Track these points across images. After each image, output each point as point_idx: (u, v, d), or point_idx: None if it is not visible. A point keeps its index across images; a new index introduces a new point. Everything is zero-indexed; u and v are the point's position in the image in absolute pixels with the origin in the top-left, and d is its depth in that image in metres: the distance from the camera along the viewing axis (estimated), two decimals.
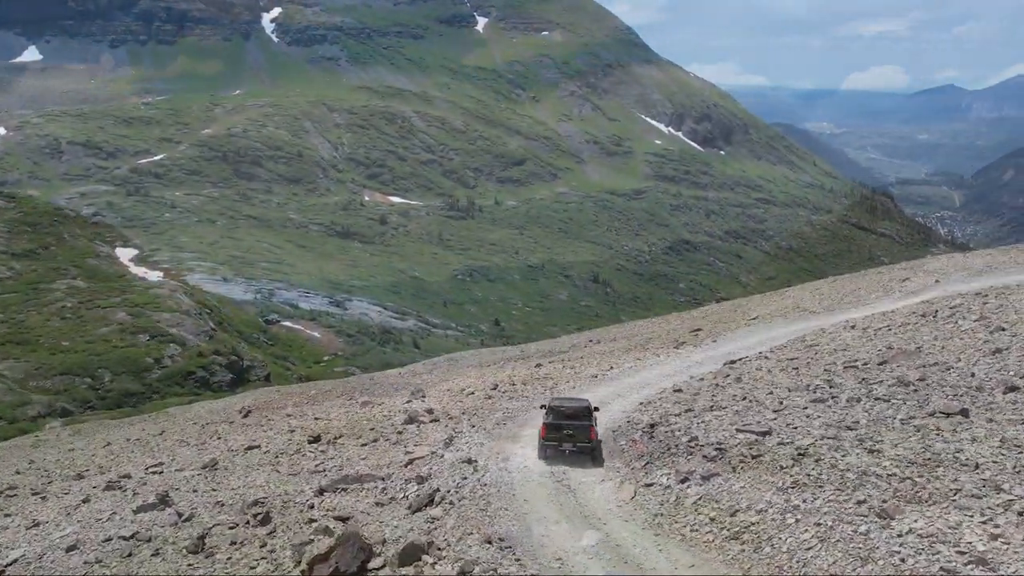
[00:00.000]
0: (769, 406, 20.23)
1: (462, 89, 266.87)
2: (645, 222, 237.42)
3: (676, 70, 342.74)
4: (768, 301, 46.32)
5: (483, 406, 26.73)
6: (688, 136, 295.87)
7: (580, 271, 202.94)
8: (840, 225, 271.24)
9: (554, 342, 51.22)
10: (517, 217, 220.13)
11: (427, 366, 49.91)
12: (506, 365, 39.65)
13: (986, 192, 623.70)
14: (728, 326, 37.87)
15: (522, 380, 31.45)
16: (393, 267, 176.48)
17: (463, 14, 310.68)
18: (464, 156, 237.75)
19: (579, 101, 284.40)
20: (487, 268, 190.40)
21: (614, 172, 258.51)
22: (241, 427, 31.59)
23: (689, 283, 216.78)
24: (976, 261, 44.29)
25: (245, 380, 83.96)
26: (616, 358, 33.76)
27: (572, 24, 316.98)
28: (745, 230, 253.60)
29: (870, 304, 36.69)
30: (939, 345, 24.13)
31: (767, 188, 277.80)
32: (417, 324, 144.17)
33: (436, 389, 32.90)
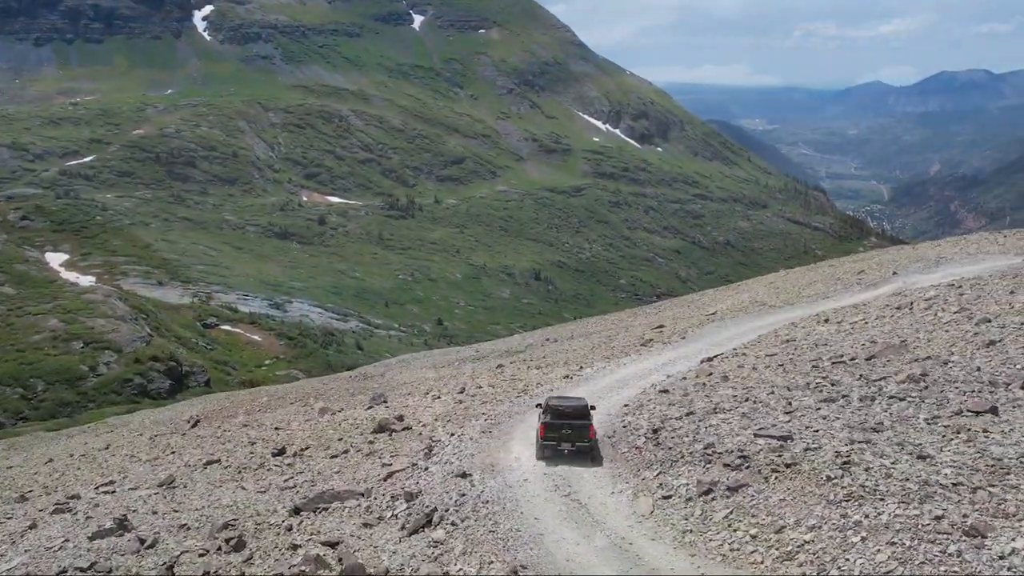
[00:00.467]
0: (777, 407, 19.40)
1: (400, 87, 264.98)
2: (585, 219, 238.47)
3: (612, 68, 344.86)
4: (723, 296, 46.51)
5: (456, 412, 25.55)
6: (626, 133, 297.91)
7: (522, 269, 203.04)
8: (776, 220, 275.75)
9: (507, 341, 50.86)
10: (458, 216, 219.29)
11: (379, 368, 49.08)
12: (463, 366, 38.99)
13: (913, 185, 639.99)
14: (690, 322, 37.48)
15: (488, 383, 30.42)
16: (333, 268, 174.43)
17: (399, 12, 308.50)
18: (403, 155, 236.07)
19: (517, 99, 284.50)
20: (428, 267, 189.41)
21: (553, 170, 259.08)
22: (195, 439, 30.03)
23: (630, 279, 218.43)
24: (928, 252, 44.94)
25: (185, 386, 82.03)
26: (584, 357, 32.99)
27: (509, 22, 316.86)
28: (684, 226, 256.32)
29: (832, 298, 36.75)
30: (924, 338, 23.80)
31: (704, 184, 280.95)
32: (359, 325, 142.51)
33: (397, 393, 31.96)
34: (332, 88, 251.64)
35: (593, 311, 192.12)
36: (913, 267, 40.69)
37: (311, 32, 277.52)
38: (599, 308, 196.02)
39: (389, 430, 23.93)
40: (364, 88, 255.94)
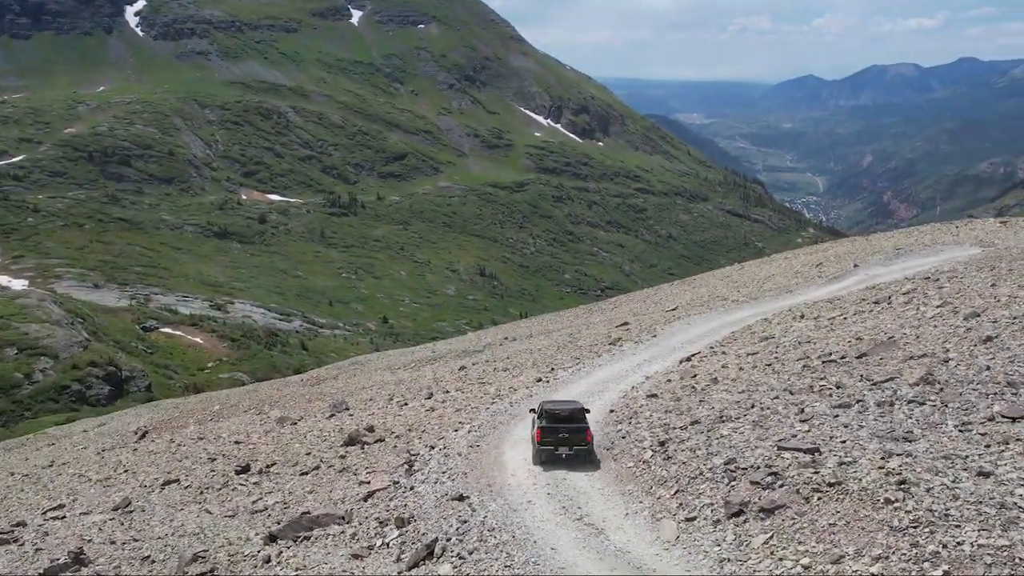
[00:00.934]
0: (788, 414, 18.18)
1: (339, 83, 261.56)
2: (529, 214, 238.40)
3: (552, 62, 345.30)
4: (680, 291, 46.28)
5: (430, 421, 24.23)
6: (567, 128, 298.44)
7: (466, 265, 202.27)
8: (716, 212, 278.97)
9: (462, 340, 49.89)
10: (401, 212, 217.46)
11: (331, 371, 47.77)
12: (421, 368, 37.88)
13: (847, 177, 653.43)
14: (654, 319, 36.89)
15: (456, 387, 29.35)
16: (275, 267, 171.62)
17: (337, 7, 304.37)
18: (344, 152, 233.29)
19: (458, 94, 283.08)
20: (372, 265, 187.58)
21: (496, 165, 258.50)
22: (148, 455, 28.04)
23: (574, 274, 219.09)
24: (883, 244, 45.20)
25: (125, 392, 79.84)
26: (552, 358, 31.97)
27: (448, 17, 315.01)
28: (626, 220, 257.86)
29: (797, 292, 36.53)
30: (912, 334, 23.00)
31: (645, 178, 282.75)
32: (303, 325, 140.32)
33: (358, 399, 30.71)
34: (270, 84, 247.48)
35: (539, 307, 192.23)
36: (873, 259, 40.79)
37: (247, 27, 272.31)
38: (544, 303, 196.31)
39: (360, 442, 22.59)
40: (303, 84, 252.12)
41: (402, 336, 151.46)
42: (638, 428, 19.94)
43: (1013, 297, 24.40)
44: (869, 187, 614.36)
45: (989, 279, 28.11)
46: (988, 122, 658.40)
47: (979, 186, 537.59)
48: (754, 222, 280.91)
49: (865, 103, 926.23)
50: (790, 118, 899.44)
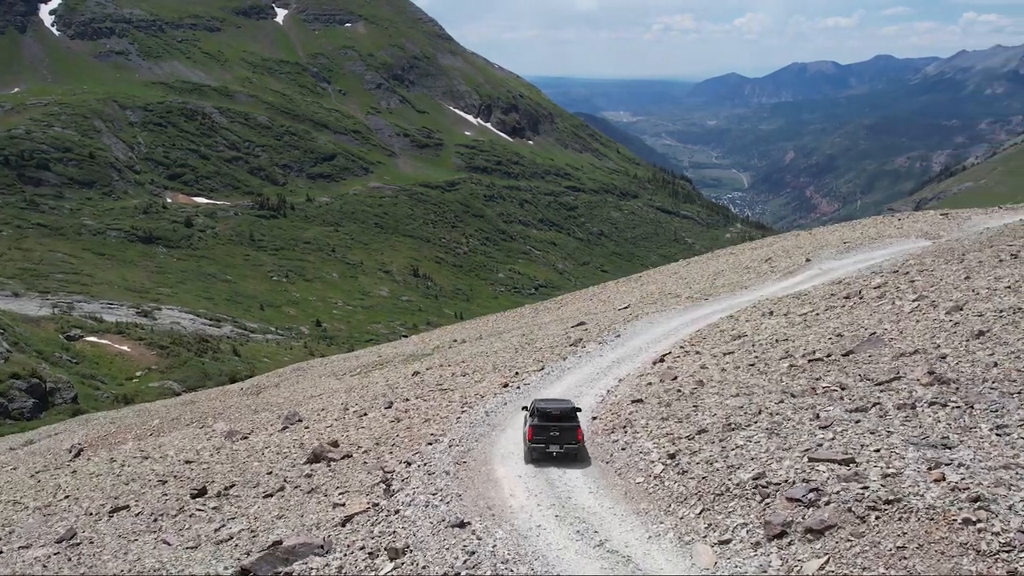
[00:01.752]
0: (802, 420, 17.07)
1: (265, 83, 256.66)
2: (461, 213, 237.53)
3: (481, 61, 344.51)
4: (627, 288, 46.03)
5: (398, 433, 22.81)
6: (497, 127, 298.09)
7: (399, 266, 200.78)
8: (646, 209, 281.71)
9: (406, 343, 48.73)
10: (331, 213, 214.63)
11: (272, 378, 46.31)
12: (370, 374, 36.65)
13: (771, 173, 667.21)
14: (611, 318, 36.25)
15: (415, 395, 28.09)
16: (203, 272, 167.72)
17: (261, 6, 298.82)
18: (271, 153, 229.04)
19: (387, 94, 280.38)
20: (303, 267, 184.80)
21: (427, 164, 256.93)
22: (89, 478, 25.67)
23: (508, 273, 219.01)
24: (828, 237, 45.60)
25: (50, 404, 77.16)
26: (512, 361, 30.84)
27: (375, 16, 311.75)
28: (558, 218, 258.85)
29: (753, 288, 36.34)
30: (894, 330, 22.45)
31: (576, 176, 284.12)
32: (234, 330, 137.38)
33: (308, 409, 29.31)
34: (193, 84, 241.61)
35: (473, 306, 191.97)
36: (824, 253, 41.05)
37: (168, 26, 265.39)
38: (479, 303, 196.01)
39: (326, 459, 21.04)
40: (228, 84, 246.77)
41: (336, 339, 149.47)
42: (638, 438, 18.91)
43: (992, 290, 23.92)
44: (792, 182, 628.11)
45: (961, 272, 27.72)
46: (904, 118, 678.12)
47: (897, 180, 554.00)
48: (683, 218, 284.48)
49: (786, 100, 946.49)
50: (715, 115, 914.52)
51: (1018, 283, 23.58)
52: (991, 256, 28.54)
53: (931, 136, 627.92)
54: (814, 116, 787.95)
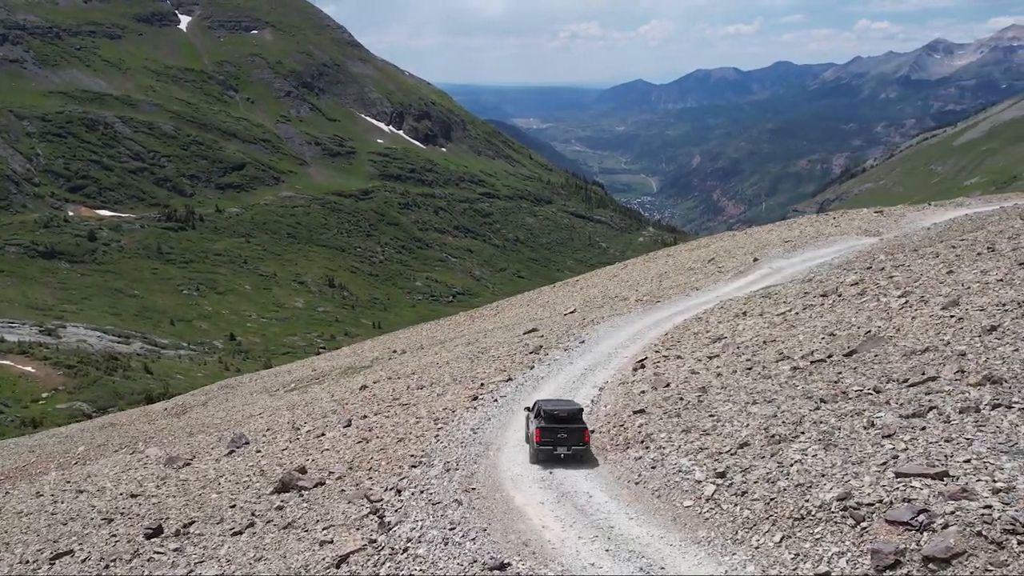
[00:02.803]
0: (855, 429, 15.69)
1: (169, 92, 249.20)
2: (375, 222, 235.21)
3: (391, 69, 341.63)
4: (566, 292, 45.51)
5: (371, 456, 20.99)
6: (409, 134, 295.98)
7: (314, 276, 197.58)
8: (560, 215, 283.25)
9: (338, 355, 47.13)
10: (242, 224, 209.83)
11: (198, 397, 44.20)
12: (309, 389, 34.99)
13: (679, 177, 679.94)
14: (561, 322, 35.38)
15: (372, 410, 26.48)
16: (109, 287, 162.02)
17: (163, 12, 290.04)
18: (178, 163, 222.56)
19: (296, 102, 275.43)
20: (215, 280, 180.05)
21: (339, 173, 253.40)
22: (17, 517, 22.82)
23: (425, 280, 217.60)
24: (767, 237, 45.86)
25: None
26: (471, 371, 29.44)
27: (282, 22, 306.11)
28: (474, 224, 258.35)
29: (707, 288, 36.01)
30: (889, 327, 21.83)
31: (490, 182, 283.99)
32: (144, 347, 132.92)
33: (252, 429, 27.48)
34: (94, 93, 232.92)
35: (391, 315, 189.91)
36: (770, 252, 41.17)
37: (66, 33, 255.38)
38: (397, 312, 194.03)
39: (296, 488, 19.01)
40: (130, 93, 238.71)
41: (252, 353, 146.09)
42: (667, 455, 17.50)
43: (984, 284, 23.40)
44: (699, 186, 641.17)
45: (940, 267, 27.16)
46: (804, 122, 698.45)
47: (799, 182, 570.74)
48: (597, 223, 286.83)
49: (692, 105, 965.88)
50: (623, 121, 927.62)
51: (1009, 276, 23.34)
52: (965, 250, 28.36)
53: (830, 139, 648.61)
54: (719, 121, 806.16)
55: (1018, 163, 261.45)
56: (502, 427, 22.12)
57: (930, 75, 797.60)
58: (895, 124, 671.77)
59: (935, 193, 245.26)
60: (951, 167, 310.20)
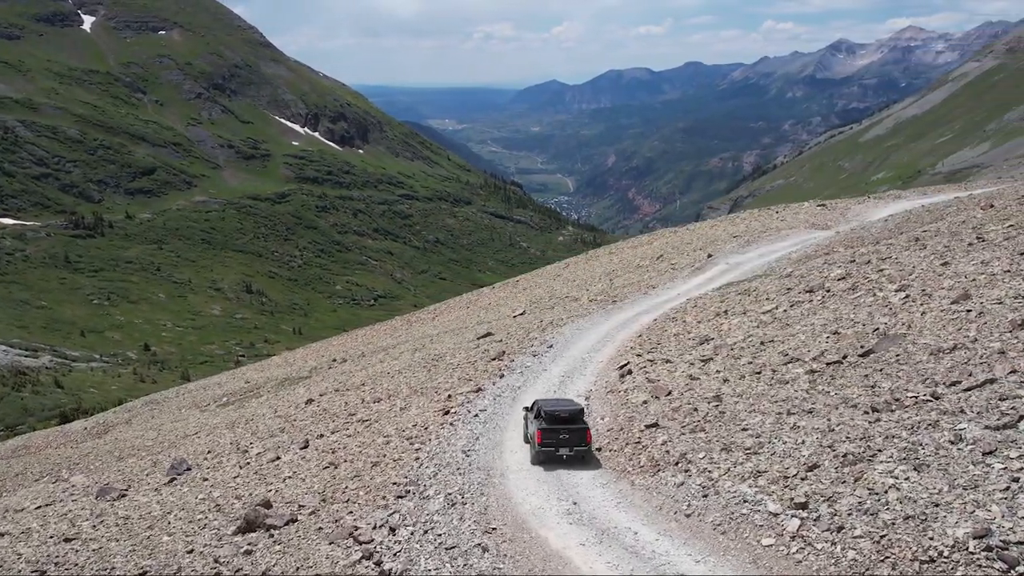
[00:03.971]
0: (939, 444, 14.29)
1: (73, 94, 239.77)
2: (293, 226, 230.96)
3: (305, 70, 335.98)
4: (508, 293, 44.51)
5: (341, 482, 18.85)
6: (325, 136, 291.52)
7: (231, 282, 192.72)
8: (480, 215, 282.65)
9: (269, 364, 45.00)
10: (154, 230, 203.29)
11: (120, 414, 41.65)
12: (245, 404, 32.83)
13: (594, 177, 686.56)
14: (512, 325, 34.03)
15: (328, 428, 24.43)
16: (14, 298, 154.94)
17: (65, 12, 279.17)
18: (84, 168, 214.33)
19: (208, 104, 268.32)
20: (126, 289, 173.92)
21: (254, 176, 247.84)
22: None
23: (345, 284, 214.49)
24: (713, 232, 45.59)
25: None
26: (431, 382, 27.31)
27: (191, 23, 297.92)
28: (393, 226, 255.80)
29: (666, 286, 35.25)
30: (900, 323, 20.54)
31: (409, 184, 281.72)
32: (54, 360, 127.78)
33: (191, 452, 25.22)
34: None
35: (311, 321, 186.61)
36: (724, 248, 40.80)
37: None
38: (317, 317, 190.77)
39: (264, 526, 16.59)
40: (32, 96, 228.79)
41: (168, 364, 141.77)
42: (717, 480, 15.75)
43: (991, 275, 22.30)
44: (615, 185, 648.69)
45: (932, 258, 26.13)
46: (715, 121, 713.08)
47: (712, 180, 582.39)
48: (517, 223, 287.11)
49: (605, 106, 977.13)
50: (538, 122, 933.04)
51: (1016, 267, 22.35)
52: (952, 240, 27.62)
53: (740, 138, 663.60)
54: (632, 121, 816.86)
55: (922, 158, 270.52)
56: (495, 447, 20.37)
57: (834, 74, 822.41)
58: (802, 122, 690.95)
59: (844, 188, 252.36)
60: (858, 163, 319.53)
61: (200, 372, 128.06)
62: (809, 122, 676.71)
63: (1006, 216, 29.04)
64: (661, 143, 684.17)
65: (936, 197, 51.28)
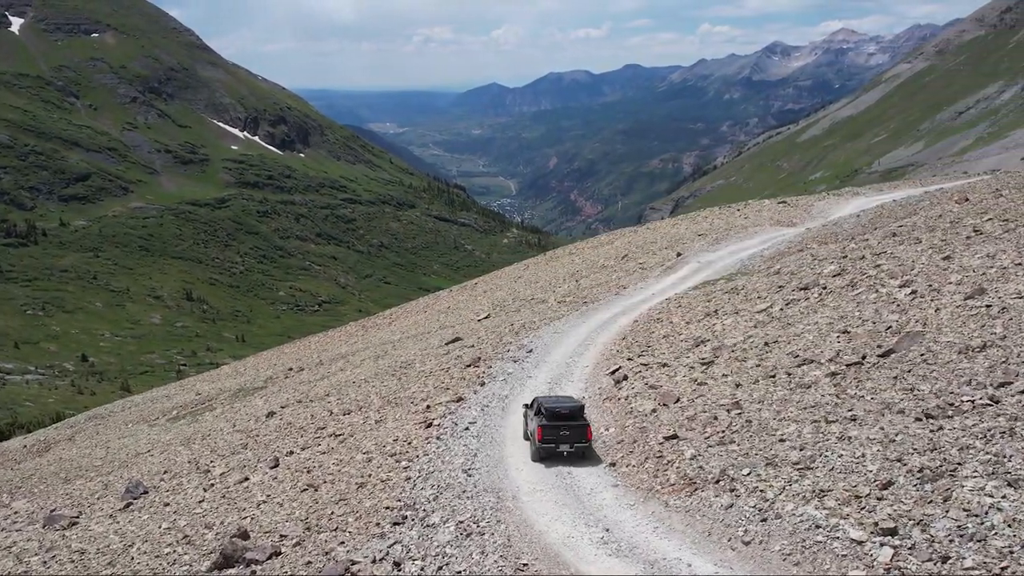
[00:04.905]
0: (1019, 455, 13.01)
1: (3, 99, 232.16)
2: (233, 231, 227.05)
3: (243, 73, 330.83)
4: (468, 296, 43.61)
5: (325, 507, 17.13)
6: (265, 140, 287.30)
7: (171, 290, 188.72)
8: (424, 218, 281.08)
9: (220, 375, 43.33)
10: (90, 238, 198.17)
11: (63, 430, 39.61)
12: (198, 418, 31.03)
13: (536, 179, 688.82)
14: (487, 329, 32.81)
15: (298, 444, 22.75)
16: None
17: None
18: (15, 174, 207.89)
19: (144, 108, 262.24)
20: (62, 298, 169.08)
21: (192, 181, 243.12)
22: None
23: (288, 290, 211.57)
24: (674, 231, 45.26)
25: None
26: (403, 391, 25.75)
27: (125, 25, 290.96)
28: (336, 231, 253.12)
29: (639, 286, 34.58)
30: (912, 320, 19.53)
31: (351, 188, 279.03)
32: None
33: (145, 471, 23.51)
34: None
35: (255, 328, 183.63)
36: (694, 246, 40.36)
37: None
38: (260, 324, 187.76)
39: (244, 561, 14.94)
40: None
41: (107, 374, 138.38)
42: (772, 500, 13.97)
43: (1001, 268, 21.37)
44: (557, 187, 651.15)
45: (931, 252, 25.13)
46: (655, 123, 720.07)
47: (653, 181, 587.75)
48: (462, 226, 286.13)
49: (546, 108, 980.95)
50: (479, 124, 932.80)
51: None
52: (948, 234, 26.92)
53: (680, 139, 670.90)
54: (573, 123, 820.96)
55: (858, 157, 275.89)
56: (498, 465, 18.57)
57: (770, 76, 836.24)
58: (740, 123, 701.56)
59: (784, 188, 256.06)
60: (796, 163, 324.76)
61: (141, 383, 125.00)
62: (747, 123, 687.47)
63: (984, 210, 28.87)
64: (602, 145, 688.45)
65: (893, 193, 51.88)
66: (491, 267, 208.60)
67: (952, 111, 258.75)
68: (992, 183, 37.37)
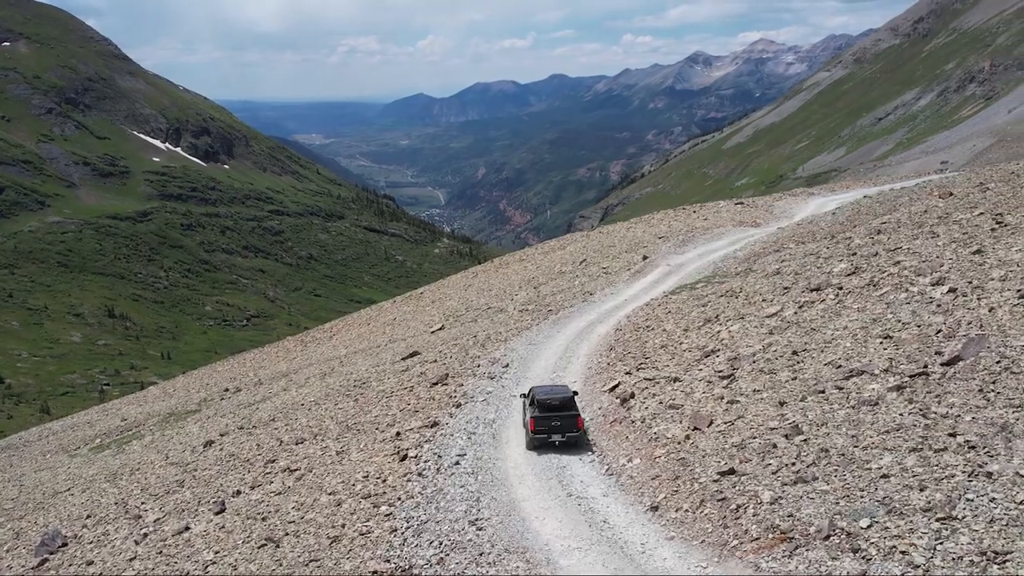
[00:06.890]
0: None
1: None
2: (157, 245, 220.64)
3: (164, 83, 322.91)
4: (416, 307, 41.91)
5: (289, 570, 14.12)
6: (188, 151, 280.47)
7: (91, 307, 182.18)
8: (354, 230, 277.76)
9: (149, 398, 40.49)
10: (4, 254, 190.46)
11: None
12: (124, 447, 27.75)
13: (465, 189, 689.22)
14: (446, 341, 31.20)
15: (245, 482, 19.70)
16: None
17: None
18: None
19: (60, 119, 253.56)
20: None
21: (113, 194, 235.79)
22: None
23: (216, 305, 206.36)
24: (630, 234, 44.38)
25: None
26: (366, 415, 23.10)
27: (38, 34, 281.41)
28: (264, 243, 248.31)
29: (607, 292, 33.51)
30: (964, 321, 17.25)
31: (278, 199, 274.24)
32: None
33: (62, 515, 20.30)
34: None
35: (181, 344, 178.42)
36: (660, 249, 39.51)
37: None
38: (187, 340, 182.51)
39: None
40: None
41: (25, 396, 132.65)
42: (920, 564, 10.41)
43: None
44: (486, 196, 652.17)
45: (956, 247, 23.05)
46: (581, 132, 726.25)
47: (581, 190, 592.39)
48: (392, 236, 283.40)
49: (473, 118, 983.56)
50: (406, 135, 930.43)
51: None
52: (969, 227, 25.07)
53: (606, 148, 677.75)
54: (501, 133, 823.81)
55: (782, 163, 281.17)
56: (512, 512, 15.43)
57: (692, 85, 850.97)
58: (664, 132, 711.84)
59: (711, 194, 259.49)
60: (722, 169, 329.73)
61: (61, 404, 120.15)
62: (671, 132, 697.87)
63: (972, 204, 28.21)
64: (529, 154, 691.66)
65: (847, 194, 52.32)
66: (424, 277, 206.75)
67: (872, 117, 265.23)
68: (973, 178, 37.37)
